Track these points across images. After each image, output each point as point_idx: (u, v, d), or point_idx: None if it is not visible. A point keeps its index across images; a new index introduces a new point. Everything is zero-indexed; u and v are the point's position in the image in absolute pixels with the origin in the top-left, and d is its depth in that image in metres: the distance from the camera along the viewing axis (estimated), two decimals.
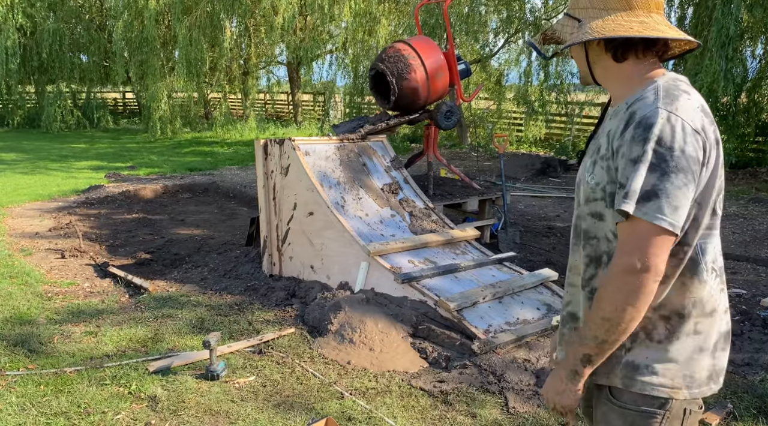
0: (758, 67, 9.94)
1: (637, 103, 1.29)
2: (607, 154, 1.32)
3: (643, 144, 1.22)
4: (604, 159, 1.34)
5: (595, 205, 1.37)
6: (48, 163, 12.01)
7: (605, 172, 1.33)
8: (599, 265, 1.39)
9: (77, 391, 3.07)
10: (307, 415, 2.90)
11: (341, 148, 5.07)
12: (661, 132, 1.21)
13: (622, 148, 1.27)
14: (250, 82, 19.23)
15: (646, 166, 1.22)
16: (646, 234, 1.23)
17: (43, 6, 17.59)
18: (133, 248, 6.05)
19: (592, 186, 1.37)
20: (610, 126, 1.35)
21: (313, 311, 4.01)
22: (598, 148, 1.39)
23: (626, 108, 1.32)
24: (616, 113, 1.36)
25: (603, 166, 1.34)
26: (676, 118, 1.23)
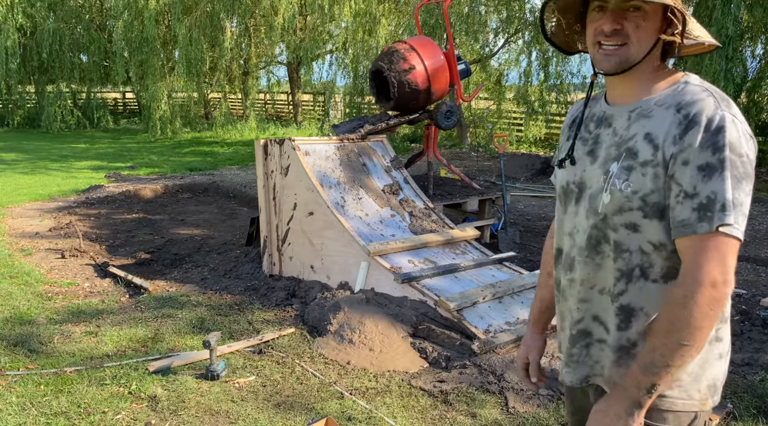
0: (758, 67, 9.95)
1: (694, 105, 1.18)
2: (654, 160, 1.19)
3: (718, 151, 1.14)
4: (647, 165, 1.20)
5: (630, 216, 1.24)
6: (48, 163, 12.01)
7: (649, 180, 1.20)
8: (630, 279, 1.27)
9: (77, 391, 3.07)
10: (307, 415, 2.90)
11: (341, 148, 5.07)
12: (731, 137, 1.14)
13: (684, 154, 1.16)
14: (250, 82, 19.24)
15: (728, 174, 1.13)
16: (725, 246, 1.15)
17: (43, 6, 17.59)
18: (133, 248, 6.06)
19: (627, 194, 1.23)
20: (645, 128, 1.23)
21: (313, 311, 4.01)
22: (631, 153, 1.24)
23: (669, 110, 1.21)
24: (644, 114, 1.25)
25: (646, 174, 1.20)
26: (739, 122, 1.17)
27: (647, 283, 1.26)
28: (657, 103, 1.24)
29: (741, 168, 1.14)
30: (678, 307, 1.16)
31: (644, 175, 1.21)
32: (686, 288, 1.16)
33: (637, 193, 1.22)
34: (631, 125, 1.27)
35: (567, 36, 1.42)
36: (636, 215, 1.23)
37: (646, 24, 1.23)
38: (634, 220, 1.24)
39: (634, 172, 1.22)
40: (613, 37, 1.24)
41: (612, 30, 1.23)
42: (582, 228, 1.34)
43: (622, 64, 1.26)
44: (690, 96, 1.21)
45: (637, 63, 1.25)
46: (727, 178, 1.13)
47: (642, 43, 1.24)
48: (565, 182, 1.40)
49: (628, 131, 1.27)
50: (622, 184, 1.23)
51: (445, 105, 5.86)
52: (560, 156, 1.45)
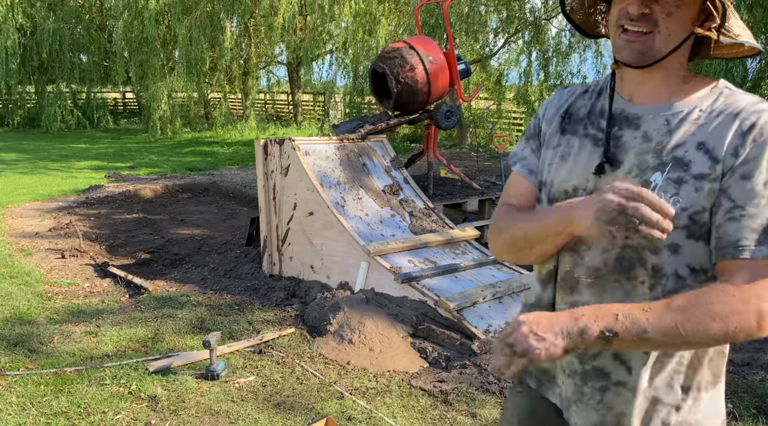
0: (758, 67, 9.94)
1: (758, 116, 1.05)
2: (712, 174, 1.04)
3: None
4: (703, 179, 1.05)
5: (673, 235, 1.04)
6: (48, 163, 12.01)
7: (703, 197, 1.05)
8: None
9: (77, 391, 3.07)
10: (307, 415, 2.90)
11: (341, 148, 5.07)
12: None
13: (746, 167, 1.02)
14: (250, 82, 19.23)
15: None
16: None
17: (43, 6, 17.58)
18: (133, 248, 6.05)
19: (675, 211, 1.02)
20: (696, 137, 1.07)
21: (313, 311, 4.01)
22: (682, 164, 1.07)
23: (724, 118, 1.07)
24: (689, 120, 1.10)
25: (701, 189, 1.05)
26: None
27: None
28: (704, 109, 1.10)
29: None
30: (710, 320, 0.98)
31: (698, 190, 1.05)
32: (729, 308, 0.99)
33: (687, 210, 1.05)
34: (674, 131, 1.10)
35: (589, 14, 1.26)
36: (679, 235, 1.06)
37: (680, 13, 1.06)
38: (677, 240, 1.06)
39: (685, 185, 1.05)
40: (639, 22, 1.07)
41: (639, 13, 1.06)
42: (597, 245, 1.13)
43: (645, 56, 1.09)
44: (747, 104, 1.07)
45: (662, 58, 1.09)
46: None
47: (671, 35, 1.07)
48: (571, 187, 1.18)
49: (671, 137, 1.09)
50: (670, 199, 1.06)
51: (445, 105, 5.86)
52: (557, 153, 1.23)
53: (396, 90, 5.53)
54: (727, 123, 1.06)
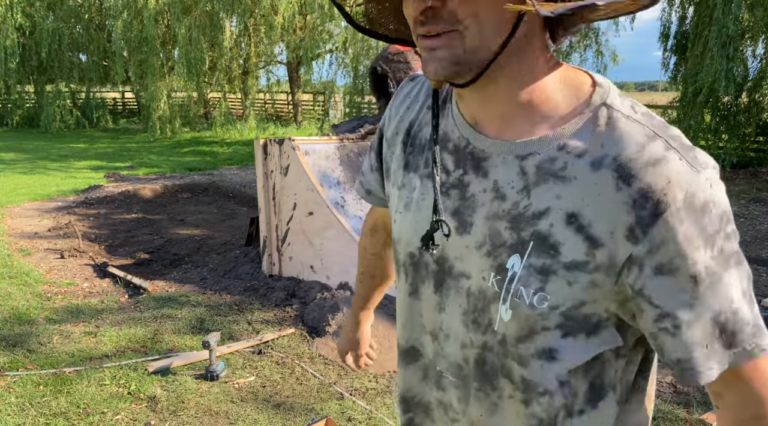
0: (759, 66, 9.94)
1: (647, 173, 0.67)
2: (591, 263, 0.70)
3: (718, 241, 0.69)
4: (577, 270, 0.71)
5: (545, 339, 0.75)
6: (47, 162, 12.00)
7: (580, 290, 0.72)
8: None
9: (76, 391, 3.06)
10: (307, 415, 2.89)
11: (341, 147, 5.06)
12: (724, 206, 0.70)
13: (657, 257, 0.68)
14: (250, 82, 19.22)
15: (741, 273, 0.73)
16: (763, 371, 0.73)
17: (42, 5, 17.58)
18: (132, 248, 6.04)
19: (542, 311, 0.73)
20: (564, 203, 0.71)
21: (313, 312, 4.00)
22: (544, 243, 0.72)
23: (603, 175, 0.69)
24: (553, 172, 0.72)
25: (578, 282, 0.72)
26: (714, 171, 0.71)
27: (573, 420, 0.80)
28: (571, 150, 0.72)
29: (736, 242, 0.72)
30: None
31: (572, 284, 0.72)
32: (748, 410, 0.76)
33: (558, 308, 0.73)
34: (533, 188, 0.74)
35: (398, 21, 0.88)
36: (553, 337, 0.75)
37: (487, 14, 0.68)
38: (551, 344, 0.76)
39: (553, 277, 0.72)
40: (429, 24, 0.70)
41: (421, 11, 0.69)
42: (458, 337, 0.83)
43: (460, 66, 0.71)
44: (636, 148, 0.69)
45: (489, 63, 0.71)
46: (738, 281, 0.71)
47: (487, 25, 0.68)
48: (416, 248, 0.86)
49: (530, 199, 0.74)
50: (533, 296, 0.73)
51: None
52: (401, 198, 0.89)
53: (396, 89, 5.52)
54: (606, 186, 0.69)
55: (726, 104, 10.03)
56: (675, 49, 10.81)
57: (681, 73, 10.78)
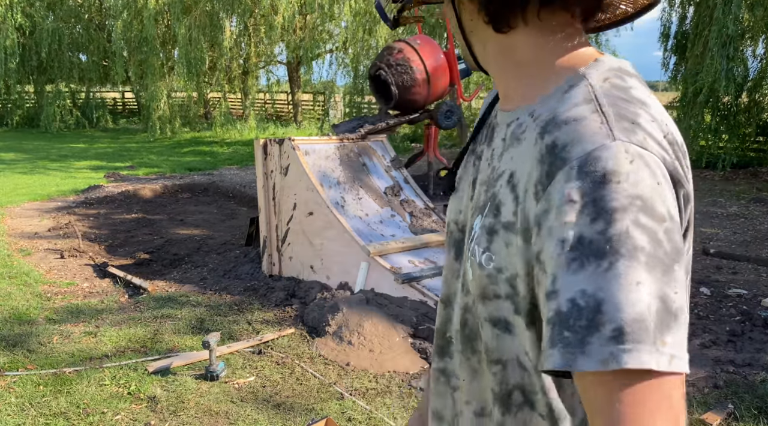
0: (759, 66, 9.94)
1: (561, 129, 0.65)
2: (515, 221, 0.69)
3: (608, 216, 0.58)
4: (511, 231, 0.70)
5: (498, 306, 0.73)
6: (47, 162, 12.00)
7: (516, 256, 0.69)
8: (508, 407, 0.76)
9: (76, 391, 3.06)
10: (307, 415, 2.89)
11: (341, 147, 5.06)
12: (637, 187, 0.59)
13: (550, 218, 0.62)
14: (250, 82, 19.22)
15: (639, 261, 0.57)
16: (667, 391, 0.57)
17: (42, 5, 17.58)
18: (132, 248, 6.04)
19: (490, 272, 0.72)
20: (512, 163, 0.72)
21: (312, 312, 4.00)
22: (495, 204, 0.73)
23: (538, 131, 0.69)
24: (518, 136, 0.73)
25: (512, 244, 0.69)
26: (651, 156, 0.62)
27: (534, 415, 0.74)
28: (536, 115, 0.72)
29: (666, 242, 0.59)
30: None
31: (508, 245, 0.70)
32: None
33: (503, 273, 0.71)
34: (504, 154, 0.76)
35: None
36: (505, 307, 0.73)
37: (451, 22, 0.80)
38: (504, 314, 0.73)
39: (496, 237, 0.72)
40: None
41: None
42: (458, 300, 0.85)
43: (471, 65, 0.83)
44: (565, 108, 0.67)
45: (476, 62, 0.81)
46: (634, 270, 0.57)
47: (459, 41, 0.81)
48: (449, 219, 0.90)
49: (500, 163, 0.76)
50: (482, 255, 0.73)
51: (445, 104, 5.85)
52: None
53: (396, 90, 5.52)
54: (535, 144, 0.68)
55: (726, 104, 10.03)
56: (675, 49, 10.81)
57: (681, 73, 10.78)
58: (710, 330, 3.86)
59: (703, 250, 5.78)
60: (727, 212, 7.61)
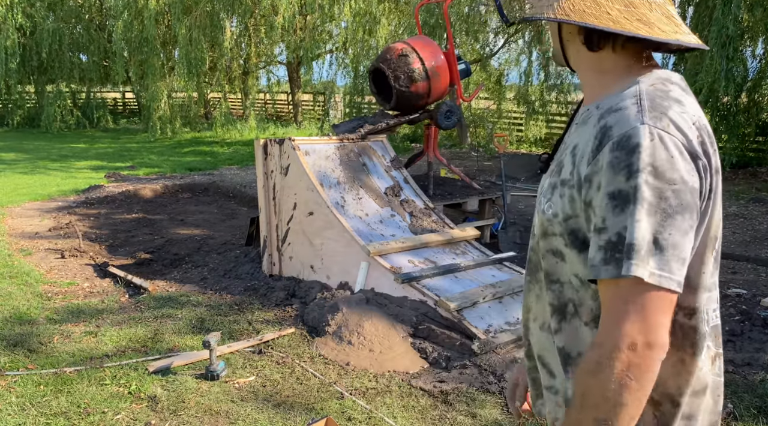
0: (758, 66, 9.94)
1: (611, 115, 0.96)
2: (572, 179, 1.00)
3: (630, 175, 0.90)
4: (566, 185, 1.01)
5: (554, 241, 1.05)
6: (48, 162, 12.01)
7: (568, 203, 1.01)
8: (564, 317, 1.06)
9: (77, 391, 3.06)
10: (307, 415, 2.90)
11: (341, 147, 5.07)
12: (654, 157, 0.89)
13: (597, 176, 0.94)
14: (250, 82, 19.23)
15: (643, 207, 0.89)
16: (649, 299, 0.89)
17: (42, 6, 17.58)
18: (132, 248, 6.05)
19: (548, 217, 1.05)
20: (577, 138, 1.03)
21: (313, 311, 4.00)
22: (559, 168, 1.06)
23: (598, 116, 1.00)
24: (586, 120, 1.05)
25: (565, 195, 1.01)
26: (670, 137, 0.91)
27: (581, 325, 1.05)
28: (600, 106, 1.03)
29: (673, 198, 0.89)
30: (588, 376, 0.92)
31: (562, 196, 1.02)
32: (600, 350, 0.91)
33: (557, 217, 1.03)
34: (574, 133, 1.08)
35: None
36: (559, 242, 1.04)
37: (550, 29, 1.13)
38: (559, 247, 1.05)
39: (556, 191, 1.04)
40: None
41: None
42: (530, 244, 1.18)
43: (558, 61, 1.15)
44: (616, 101, 0.99)
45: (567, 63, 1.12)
46: (639, 212, 0.89)
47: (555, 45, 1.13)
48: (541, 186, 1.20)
49: (570, 139, 1.08)
50: (545, 203, 1.07)
51: (445, 105, 5.86)
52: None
53: (396, 90, 5.52)
54: (595, 126, 0.99)
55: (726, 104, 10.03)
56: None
57: (680, 73, 10.78)
58: None
59: None
60: (726, 212, 7.61)
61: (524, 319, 1.21)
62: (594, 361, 0.91)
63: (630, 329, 0.88)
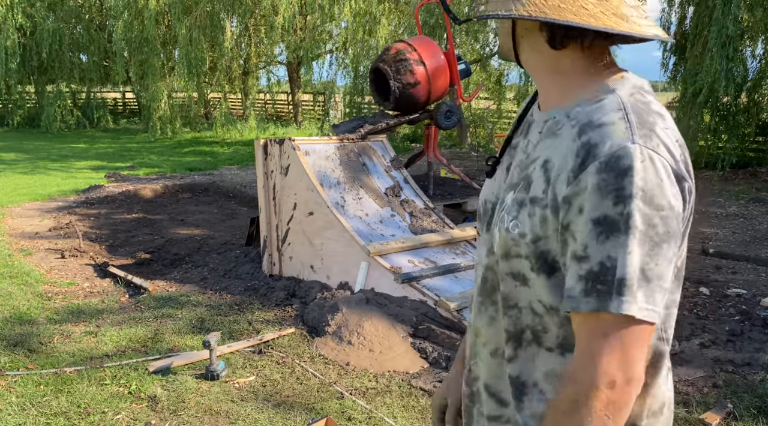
0: (758, 66, 9.94)
1: (594, 131, 0.86)
2: (544, 199, 0.90)
3: (621, 200, 0.81)
4: (537, 204, 0.91)
5: (517, 264, 0.95)
6: (48, 163, 12.01)
7: (538, 224, 0.91)
8: (519, 344, 0.98)
9: (77, 391, 3.07)
10: (307, 415, 2.90)
11: (341, 147, 5.07)
12: (645, 181, 0.82)
13: (579, 198, 0.84)
14: (250, 82, 19.23)
15: (636, 236, 0.81)
16: (629, 334, 0.83)
17: (42, 6, 17.59)
18: (133, 248, 6.05)
19: (514, 236, 0.94)
20: (548, 152, 0.93)
21: (312, 312, 4.01)
22: (527, 183, 0.94)
23: (576, 130, 0.89)
24: (554, 131, 0.94)
25: (535, 215, 0.91)
26: (660, 159, 0.84)
27: (540, 349, 0.97)
28: (572, 116, 0.92)
29: (661, 226, 0.82)
30: (563, 415, 0.86)
31: (531, 216, 0.91)
32: (576, 387, 0.85)
33: (524, 237, 0.92)
34: (540, 143, 0.96)
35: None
36: (524, 265, 0.94)
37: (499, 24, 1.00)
38: (523, 270, 0.95)
39: (524, 209, 0.93)
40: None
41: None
42: (481, 262, 1.06)
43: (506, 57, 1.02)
44: (599, 114, 0.88)
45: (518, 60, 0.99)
46: (632, 242, 0.81)
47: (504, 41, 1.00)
48: (483, 198, 1.10)
49: (535, 151, 0.97)
50: (509, 222, 0.95)
51: (445, 105, 5.86)
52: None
53: (396, 90, 5.52)
54: (569, 139, 0.89)
55: (725, 104, 10.03)
56: (674, 49, 10.81)
57: (680, 73, 10.78)
58: (709, 330, 3.87)
59: (703, 249, 5.79)
60: (726, 212, 7.62)
61: (471, 342, 1.10)
62: (569, 399, 0.85)
63: (609, 366, 0.82)
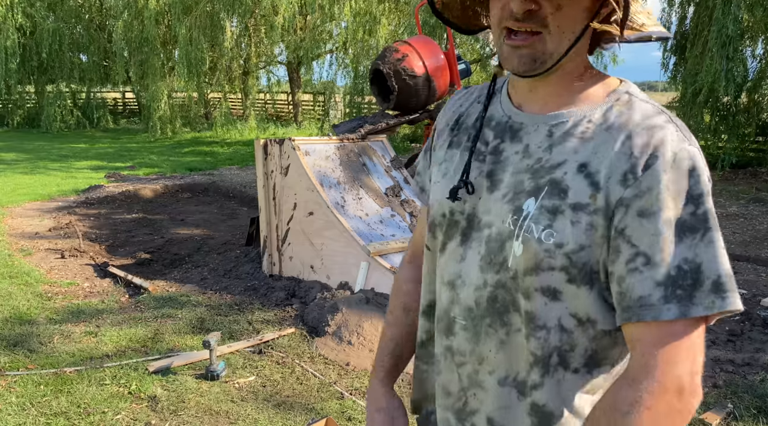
0: (758, 66, 9.95)
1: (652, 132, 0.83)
2: (592, 204, 0.84)
3: (694, 201, 0.80)
4: (581, 210, 0.84)
5: (549, 278, 0.86)
6: (48, 162, 12.01)
7: (582, 232, 0.84)
8: (547, 369, 0.89)
9: (77, 391, 3.07)
10: (307, 415, 2.90)
11: (341, 148, 5.07)
12: (708, 181, 0.83)
13: (640, 200, 0.81)
14: (250, 82, 19.24)
15: (718, 234, 0.81)
16: (697, 337, 0.81)
17: (42, 6, 17.60)
18: (133, 248, 6.05)
19: (548, 248, 0.85)
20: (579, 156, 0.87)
21: (312, 312, 4.01)
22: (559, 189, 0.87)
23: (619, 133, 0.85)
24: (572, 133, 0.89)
25: (581, 222, 0.84)
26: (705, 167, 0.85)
27: (567, 373, 0.89)
28: (594, 120, 0.88)
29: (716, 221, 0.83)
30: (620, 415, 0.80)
31: (575, 223, 0.84)
32: (638, 389, 0.79)
33: (563, 248, 0.85)
34: (556, 146, 0.89)
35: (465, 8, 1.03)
36: (558, 278, 0.86)
37: (572, 5, 0.85)
38: (555, 284, 0.87)
39: (560, 216, 0.85)
40: (526, 22, 0.86)
41: (524, 11, 0.85)
42: (472, 281, 0.95)
43: (536, 64, 0.88)
44: (641, 118, 0.86)
45: (556, 62, 0.88)
46: (718, 240, 0.80)
47: (565, 33, 0.86)
48: (448, 210, 0.99)
49: (551, 154, 0.89)
50: (542, 232, 0.86)
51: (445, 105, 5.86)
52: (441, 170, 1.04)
53: (396, 90, 5.52)
54: (614, 141, 0.85)
55: (725, 104, 10.04)
56: (674, 49, 10.82)
57: (681, 73, 10.79)
58: (709, 330, 3.86)
59: None
60: (726, 212, 7.61)
61: (470, 371, 0.97)
62: (631, 400, 0.79)
63: (682, 371, 0.78)
